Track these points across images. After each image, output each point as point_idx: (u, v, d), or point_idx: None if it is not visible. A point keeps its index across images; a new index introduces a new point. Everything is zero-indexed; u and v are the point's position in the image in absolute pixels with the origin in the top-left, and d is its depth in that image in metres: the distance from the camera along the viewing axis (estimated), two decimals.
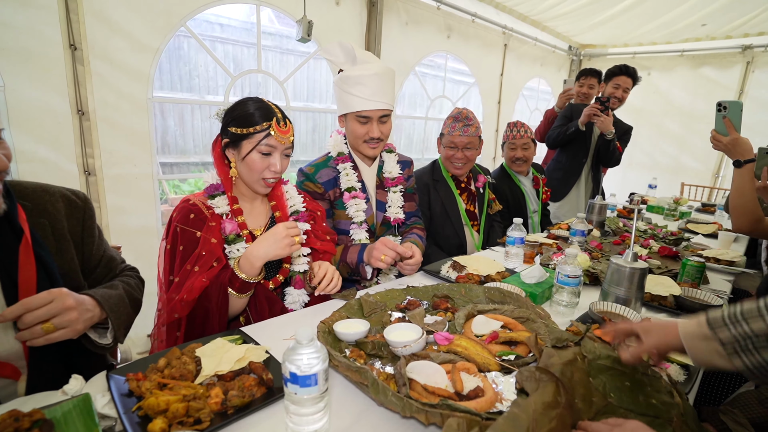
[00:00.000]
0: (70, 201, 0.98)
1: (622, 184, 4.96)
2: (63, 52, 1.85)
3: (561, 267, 1.26)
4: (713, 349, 0.68)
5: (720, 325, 0.68)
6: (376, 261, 1.34)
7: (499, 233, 2.15)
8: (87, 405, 0.70)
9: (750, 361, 0.64)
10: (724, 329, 0.67)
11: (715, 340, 0.68)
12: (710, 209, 3.21)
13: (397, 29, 3.19)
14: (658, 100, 4.84)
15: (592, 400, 0.73)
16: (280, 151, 1.18)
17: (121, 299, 0.96)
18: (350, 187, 1.55)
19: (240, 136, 1.15)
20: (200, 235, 1.14)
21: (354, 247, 1.47)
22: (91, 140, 1.99)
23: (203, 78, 4.41)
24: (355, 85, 1.41)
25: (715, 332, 0.68)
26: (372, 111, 1.45)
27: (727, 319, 0.68)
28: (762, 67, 4.15)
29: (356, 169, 1.59)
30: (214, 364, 0.83)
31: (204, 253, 1.12)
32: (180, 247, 1.14)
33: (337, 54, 1.47)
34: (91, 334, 0.90)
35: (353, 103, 1.44)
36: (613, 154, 2.85)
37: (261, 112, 1.15)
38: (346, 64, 1.47)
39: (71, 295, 0.81)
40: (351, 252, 1.46)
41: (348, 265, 1.45)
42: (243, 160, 1.17)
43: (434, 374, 0.81)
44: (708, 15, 3.63)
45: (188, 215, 1.16)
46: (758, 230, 1.52)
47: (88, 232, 1.00)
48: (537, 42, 4.53)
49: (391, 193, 1.66)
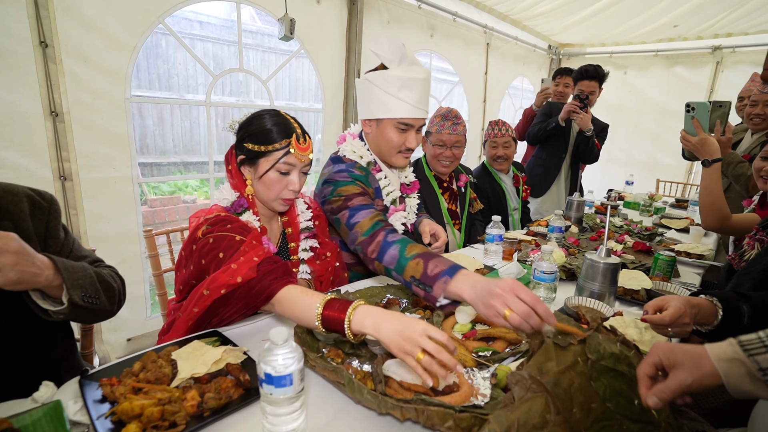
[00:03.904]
0: (35, 201, 0.95)
1: (601, 180, 5.09)
2: (33, 49, 1.79)
3: (537, 263, 1.29)
4: (754, 376, 0.59)
5: (758, 348, 0.59)
6: (497, 317, 0.82)
7: (480, 231, 2.19)
8: (58, 412, 0.69)
9: None
10: (765, 354, 0.59)
11: (753, 365, 0.59)
12: (683, 205, 3.31)
13: (378, 28, 3.19)
14: (634, 99, 4.98)
15: (591, 407, 0.69)
16: (299, 169, 1.12)
17: (83, 268, 0.91)
18: (394, 200, 1.47)
19: (257, 153, 1.08)
20: (240, 239, 1.03)
21: (439, 261, 0.98)
22: (66, 143, 1.92)
23: (182, 77, 4.34)
24: (402, 89, 1.28)
25: (753, 357, 0.59)
26: (416, 120, 1.34)
27: (766, 340, 0.60)
28: (730, 67, 4.31)
29: (387, 179, 1.47)
30: (190, 366, 0.83)
31: (248, 250, 1.01)
32: (220, 254, 1.01)
33: (385, 48, 1.30)
34: (34, 295, 0.84)
35: (397, 109, 1.30)
36: (592, 151, 2.92)
37: (279, 128, 1.08)
38: (393, 63, 1.30)
39: (19, 241, 0.76)
40: (433, 266, 0.97)
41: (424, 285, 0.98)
42: (260, 179, 1.11)
43: (410, 371, 0.83)
44: (679, 16, 3.75)
45: (224, 224, 1.05)
46: (725, 227, 1.58)
47: (52, 233, 0.97)
48: (518, 41, 4.60)
49: (409, 199, 1.58)
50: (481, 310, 0.85)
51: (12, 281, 0.76)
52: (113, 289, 0.99)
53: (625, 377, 0.75)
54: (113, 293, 0.99)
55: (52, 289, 0.84)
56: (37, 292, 0.85)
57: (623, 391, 0.73)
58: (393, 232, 1.15)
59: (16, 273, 0.75)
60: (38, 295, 0.85)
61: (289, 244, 1.29)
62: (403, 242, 1.08)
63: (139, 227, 2.25)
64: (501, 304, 0.80)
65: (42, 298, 0.85)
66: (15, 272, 0.75)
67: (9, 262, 0.74)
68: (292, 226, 1.29)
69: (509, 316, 0.78)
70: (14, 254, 0.75)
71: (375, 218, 1.20)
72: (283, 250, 1.29)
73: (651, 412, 0.72)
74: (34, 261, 0.79)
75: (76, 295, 0.85)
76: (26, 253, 0.78)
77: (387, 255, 1.08)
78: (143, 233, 1.57)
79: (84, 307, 0.88)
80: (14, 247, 0.75)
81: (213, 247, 1.02)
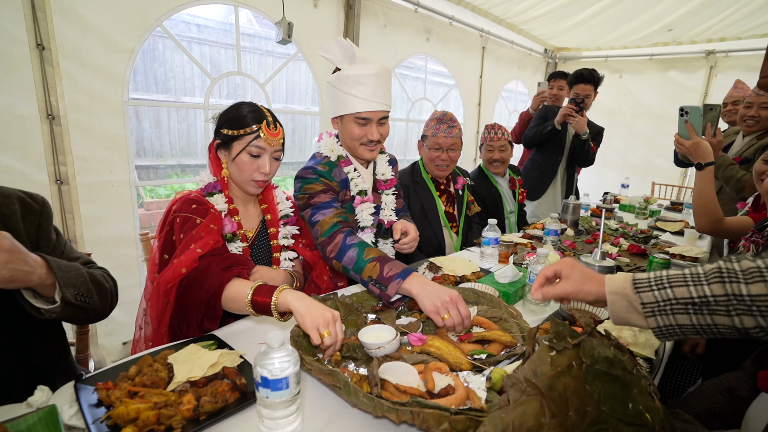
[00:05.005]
0: (26, 204, 0.95)
1: (597, 183, 5.11)
2: (29, 52, 1.78)
3: (532, 266, 1.30)
4: (632, 308, 0.74)
5: (645, 287, 0.73)
6: (436, 315, 1.02)
7: (477, 234, 2.19)
8: (53, 417, 0.69)
9: (663, 322, 0.71)
10: (648, 292, 0.72)
11: (636, 300, 0.73)
12: (678, 207, 3.33)
13: (375, 31, 3.21)
14: (629, 102, 5.02)
15: (587, 410, 0.70)
16: (270, 154, 1.22)
17: (75, 268, 0.92)
18: (361, 191, 1.50)
19: (231, 137, 1.19)
20: (200, 221, 1.15)
21: (393, 265, 1.15)
22: (62, 147, 1.91)
23: (180, 79, 4.34)
24: (354, 85, 1.35)
25: (639, 294, 0.73)
26: (372, 112, 1.39)
27: (653, 282, 0.72)
28: (724, 71, 4.35)
29: (356, 172, 1.53)
30: (186, 370, 0.83)
31: (203, 235, 1.13)
32: (181, 235, 1.13)
33: (334, 52, 1.40)
34: (26, 293, 0.84)
35: (352, 104, 1.38)
36: (588, 154, 2.94)
37: (252, 115, 1.19)
38: (344, 63, 1.40)
39: (11, 240, 0.77)
40: (388, 269, 1.14)
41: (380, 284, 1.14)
42: (233, 161, 1.21)
43: (406, 374, 0.83)
44: (674, 20, 3.79)
45: (190, 205, 1.17)
46: (719, 230, 1.60)
47: (44, 235, 0.97)
48: (514, 45, 4.63)
49: (385, 195, 1.62)
50: (426, 304, 1.04)
51: (4, 279, 0.76)
52: (106, 289, 0.99)
53: (620, 381, 0.76)
54: (106, 293, 0.99)
55: (44, 288, 0.84)
56: (29, 291, 0.85)
57: (618, 394, 0.74)
58: (351, 234, 1.27)
59: (8, 271, 0.76)
60: (30, 293, 0.85)
61: (269, 230, 1.37)
62: (361, 246, 1.22)
63: (135, 231, 2.24)
64: (444, 309, 1.02)
65: (34, 297, 0.85)
66: (7, 270, 0.76)
67: (1, 260, 0.74)
68: (272, 213, 1.37)
69: (446, 320, 1.01)
70: (6, 252, 0.75)
71: (334, 219, 1.30)
72: (262, 235, 1.35)
73: (645, 415, 0.73)
74: (26, 259, 0.79)
75: (68, 294, 0.86)
76: (19, 251, 0.78)
77: (346, 256, 1.22)
78: (140, 237, 1.57)
79: (77, 305, 0.88)
80: (6, 245, 0.75)
81: (178, 226, 1.14)
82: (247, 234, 1.30)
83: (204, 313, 1.05)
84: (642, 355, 1.03)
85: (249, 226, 1.32)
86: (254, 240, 1.32)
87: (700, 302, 0.67)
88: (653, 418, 0.74)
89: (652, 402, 0.76)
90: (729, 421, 1.09)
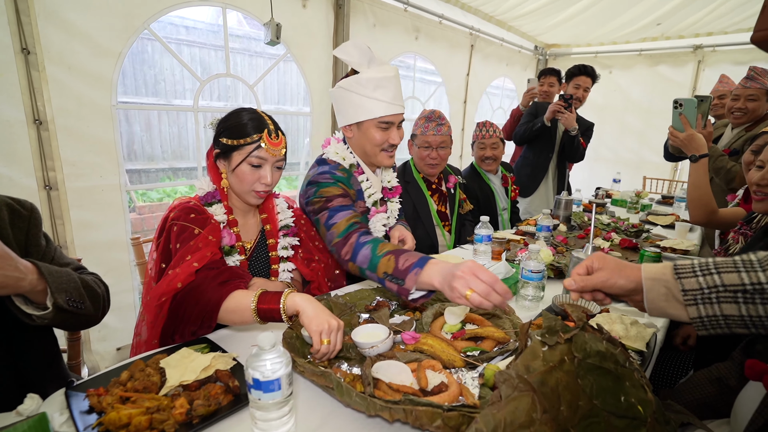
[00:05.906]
0: (15, 210, 0.94)
1: (589, 178, 5.15)
2: (14, 56, 1.76)
3: (525, 263, 1.31)
4: (671, 296, 0.68)
5: (688, 272, 0.67)
6: (460, 298, 0.86)
7: (470, 232, 2.20)
8: (43, 425, 0.68)
9: (706, 312, 0.65)
10: (692, 278, 0.66)
11: (677, 286, 0.67)
12: (669, 201, 3.37)
13: (365, 31, 3.21)
14: (619, 97, 5.06)
15: (579, 405, 0.70)
16: (271, 164, 1.17)
17: (67, 273, 0.90)
18: (377, 201, 1.48)
19: (230, 147, 1.13)
20: (198, 232, 1.10)
21: (410, 255, 1.02)
22: (50, 152, 1.89)
23: (169, 82, 4.31)
24: (377, 89, 1.31)
25: (680, 279, 0.67)
26: (395, 116, 1.37)
27: (698, 268, 0.67)
28: (712, 65, 4.40)
29: (369, 182, 1.50)
30: (179, 374, 0.82)
31: (201, 246, 1.08)
32: (177, 245, 1.08)
33: (352, 54, 1.34)
34: (17, 300, 0.83)
35: (374, 108, 1.33)
36: (578, 150, 2.96)
37: (253, 124, 1.13)
38: (362, 66, 1.34)
39: (1, 246, 0.76)
40: (404, 261, 1.00)
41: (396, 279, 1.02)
42: (233, 172, 1.16)
43: (399, 373, 0.83)
44: (662, 15, 3.83)
45: (189, 214, 1.12)
46: (713, 221, 1.62)
47: (33, 241, 0.96)
48: (503, 42, 4.64)
49: (390, 203, 1.59)
50: (448, 293, 0.88)
51: None
52: (98, 294, 0.98)
53: (612, 374, 0.76)
54: (98, 299, 0.98)
55: (35, 294, 0.83)
56: (20, 297, 0.84)
57: (609, 388, 0.74)
58: (366, 234, 1.18)
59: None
60: (21, 300, 0.84)
61: (268, 240, 1.32)
62: (374, 242, 1.12)
63: (127, 235, 2.22)
64: (463, 286, 0.84)
65: (25, 303, 0.84)
66: None
67: None
68: (271, 223, 1.32)
69: (470, 296, 0.82)
70: None
71: (351, 220, 1.23)
72: (261, 246, 1.31)
73: (637, 407, 0.74)
74: (17, 265, 0.78)
75: (60, 299, 0.85)
76: (9, 258, 0.77)
77: (360, 255, 1.12)
78: (131, 241, 1.56)
79: (69, 311, 0.87)
80: None
81: (175, 235, 1.09)
82: (246, 245, 1.26)
83: (198, 327, 1.03)
84: (633, 348, 1.04)
85: (248, 237, 1.29)
86: (253, 251, 1.28)
87: (753, 290, 0.61)
88: (645, 410, 0.74)
89: (644, 394, 0.76)
90: (719, 410, 1.10)
